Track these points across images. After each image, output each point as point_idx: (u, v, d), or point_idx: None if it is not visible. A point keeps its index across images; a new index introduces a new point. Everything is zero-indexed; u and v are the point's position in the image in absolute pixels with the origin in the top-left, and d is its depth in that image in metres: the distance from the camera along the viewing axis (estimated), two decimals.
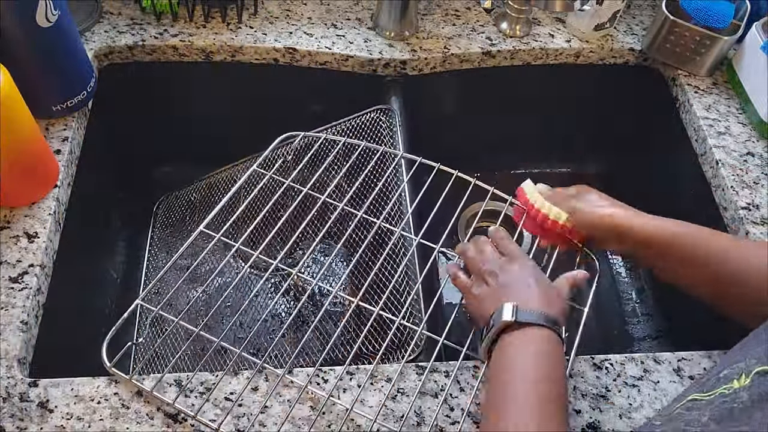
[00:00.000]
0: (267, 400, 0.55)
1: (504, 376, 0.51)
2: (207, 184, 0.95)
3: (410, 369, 0.59)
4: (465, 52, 0.88)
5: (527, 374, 0.49)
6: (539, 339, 0.51)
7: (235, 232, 0.69)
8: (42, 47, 0.64)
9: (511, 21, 0.90)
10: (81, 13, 0.84)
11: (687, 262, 0.57)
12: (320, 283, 0.63)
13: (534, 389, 0.48)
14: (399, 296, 0.64)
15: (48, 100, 0.70)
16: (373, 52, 0.86)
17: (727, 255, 0.55)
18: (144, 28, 0.85)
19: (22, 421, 0.53)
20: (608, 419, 0.56)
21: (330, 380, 0.57)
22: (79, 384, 0.55)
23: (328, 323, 0.78)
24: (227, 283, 0.86)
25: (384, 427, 0.54)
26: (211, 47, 0.85)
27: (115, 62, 0.85)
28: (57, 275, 0.65)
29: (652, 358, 0.61)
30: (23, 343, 0.57)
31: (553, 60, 0.91)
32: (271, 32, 0.87)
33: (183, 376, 0.57)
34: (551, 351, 0.51)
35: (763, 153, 0.78)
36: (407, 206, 0.72)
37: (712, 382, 0.40)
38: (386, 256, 0.67)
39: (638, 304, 0.95)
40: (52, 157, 0.69)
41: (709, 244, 0.57)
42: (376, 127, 0.82)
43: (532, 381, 0.49)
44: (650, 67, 0.93)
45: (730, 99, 0.85)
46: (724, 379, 0.39)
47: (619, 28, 0.93)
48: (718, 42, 0.82)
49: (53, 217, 0.66)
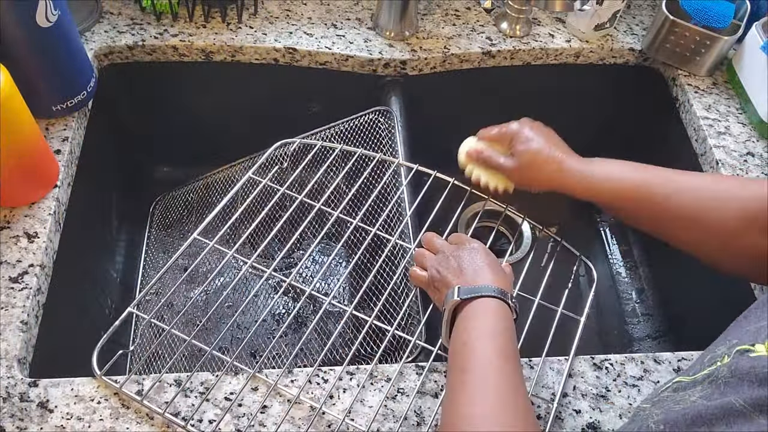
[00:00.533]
0: (266, 399, 0.55)
1: (462, 337, 0.52)
2: (204, 184, 0.95)
3: (410, 369, 0.59)
4: (465, 52, 0.88)
5: (483, 331, 0.51)
6: (488, 306, 0.53)
7: (230, 238, 0.70)
8: (42, 47, 0.64)
9: (511, 21, 0.90)
10: (81, 13, 0.84)
11: (656, 207, 0.59)
12: (315, 292, 0.63)
13: (491, 343, 0.50)
14: (395, 303, 0.64)
15: (48, 100, 0.70)
16: (373, 52, 0.86)
17: (696, 193, 0.57)
18: (144, 28, 0.85)
19: (22, 421, 0.53)
20: (608, 419, 0.56)
21: (330, 380, 0.57)
22: (79, 384, 0.55)
23: (327, 324, 0.78)
24: (226, 284, 0.86)
25: (383, 427, 0.54)
26: (211, 47, 0.85)
27: (115, 62, 0.85)
28: (57, 275, 0.65)
29: (652, 358, 0.61)
30: (23, 343, 0.57)
31: (553, 60, 0.91)
32: (271, 32, 0.87)
33: (183, 376, 0.57)
34: (499, 311, 0.53)
35: (763, 153, 0.78)
36: (406, 210, 0.72)
37: (696, 368, 0.41)
38: (383, 263, 0.67)
39: (638, 304, 0.95)
40: (52, 157, 0.69)
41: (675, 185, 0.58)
42: (374, 129, 0.82)
43: (489, 336, 0.50)
44: (650, 67, 0.93)
45: (730, 99, 0.85)
46: (708, 363, 0.40)
47: (619, 28, 0.93)
48: (718, 42, 0.82)
49: (53, 217, 0.66)
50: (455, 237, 0.64)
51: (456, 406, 0.47)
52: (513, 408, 0.45)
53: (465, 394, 0.47)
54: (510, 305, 0.54)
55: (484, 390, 0.46)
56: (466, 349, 0.50)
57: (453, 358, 0.51)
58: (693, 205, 0.57)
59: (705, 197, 0.56)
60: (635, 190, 0.59)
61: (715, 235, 0.56)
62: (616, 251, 1.02)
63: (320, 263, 0.91)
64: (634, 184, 0.59)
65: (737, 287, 0.73)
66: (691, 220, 0.57)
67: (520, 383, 0.48)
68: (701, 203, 0.56)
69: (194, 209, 0.95)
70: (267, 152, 0.76)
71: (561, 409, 0.57)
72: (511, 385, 0.47)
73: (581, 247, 0.72)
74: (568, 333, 0.63)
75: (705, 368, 0.40)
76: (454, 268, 0.58)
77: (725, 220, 0.55)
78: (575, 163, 0.62)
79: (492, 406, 0.45)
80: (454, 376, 0.50)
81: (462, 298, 0.53)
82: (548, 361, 0.60)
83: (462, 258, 0.58)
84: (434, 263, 0.60)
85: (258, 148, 0.79)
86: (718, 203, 0.56)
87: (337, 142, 0.81)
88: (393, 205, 0.72)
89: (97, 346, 0.57)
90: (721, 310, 0.79)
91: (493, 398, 0.46)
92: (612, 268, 1.00)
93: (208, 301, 0.85)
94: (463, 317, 0.53)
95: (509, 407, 0.45)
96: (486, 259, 0.58)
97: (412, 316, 0.64)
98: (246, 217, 0.72)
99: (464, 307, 0.54)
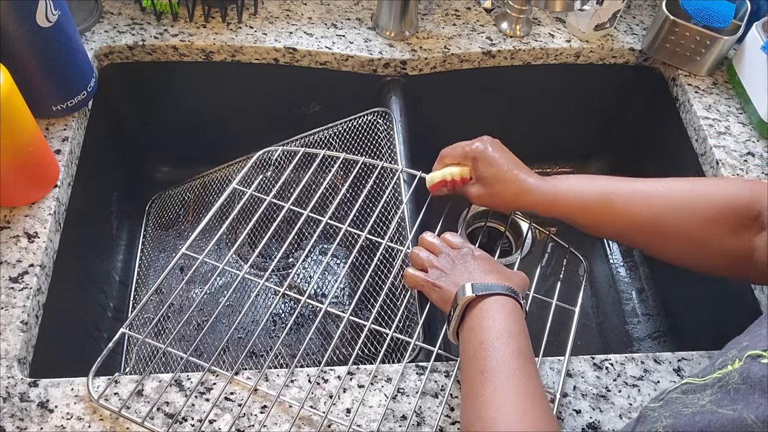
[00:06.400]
0: (272, 409, 0.55)
1: (479, 336, 0.52)
2: (201, 183, 0.95)
3: (411, 369, 0.59)
4: (465, 52, 0.88)
5: (500, 331, 0.51)
6: (503, 304, 0.53)
7: (225, 245, 0.69)
8: (42, 47, 0.64)
9: (511, 21, 0.90)
10: (81, 13, 0.84)
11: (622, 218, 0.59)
12: (310, 299, 0.63)
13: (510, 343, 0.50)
14: (393, 305, 0.64)
15: (48, 100, 0.70)
16: (373, 52, 0.86)
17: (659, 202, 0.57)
18: (144, 28, 0.85)
19: (22, 421, 0.53)
20: (608, 419, 0.56)
21: (330, 380, 0.57)
22: (79, 384, 0.55)
23: (325, 325, 0.78)
24: (226, 285, 0.86)
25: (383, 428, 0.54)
26: (211, 47, 0.85)
27: (115, 62, 0.85)
28: (57, 275, 0.65)
29: (652, 358, 0.61)
30: (23, 343, 0.57)
31: (554, 60, 0.91)
32: (271, 32, 0.87)
33: (183, 376, 0.57)
34: (514, 310, 0.53)
35: (763, 153, 0.78)
36: (405, 214, 0.72)
37: (707, 370, 0.41)
38: (381, 265, 0.67)
39: (638, 304, 0.95)
40: (52, 157, 0.69)
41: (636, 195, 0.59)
42: (372, 130, 0.82)
43: (506, 336, 0.50)
44: (650, 67, 0.93)
45: (731, 99, 0.85)
46: (719, 366, 0.40)
47: (619, 28, 0.93)
48: (719, 42, 0.82)
49: (53, 217, 0.66)
50: (450, 236, 0.64)
51: (478, 408, 0.47)
52: (535, 410, 0.45)
53: (486, 396, 0.47)
54: (521, 303, 0.55)
55: (507, 392, 0.46)
56: (483, 348, 0.50)
57: (470, 358, 0.51)
58: (653, 214, 0.57)
59: (664, 205, 0.57)
60: (598, 201, 0.59)
61: (682, 242, 0.56)
62: (616, 251, 1.02)
63: (318, 265, 0.91)
64: (596, 195, 0.60)
65: (737, 287, 0.73)
66: (653, 228, 0.57)
67: (539, 383, 0.48)
68: (662, 211, 0.57)
69: (190, 208, 0.95)
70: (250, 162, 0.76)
71: (561, 409, 0.57)
72: (531, 387, 0.47)
73: (581, 247, 0.72)
74: (567, 333, 0.63)
75: (716, 371, 0.39)
76: (461, 267, 0.59)
77: (689, 226, 0.55)
78: (537, 181, 0.62)
79: (516, 409, 0.45)
80: (473, 377, 0.49)
81: (477, 294, 0.54)
82: (547, 361, 0.60)
83: (467, 259, 0.60)
84: (438, 263, 0.61)
85: (258, 148, 0.79)
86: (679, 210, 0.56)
87: (336, 143, 0.81)
88: (392, 209, 0.72)
89: (92, 369, 0.56)
90: (721, 310, 0.79)
91: (517, 401, 0.46)
92: (612, 268, 1.00)
93: (204, 307, 0.85)
94: (475, 315, 0.53)
95: (532, 409, 0.45)
96: (490, 261, 0.60)
97: (410, 318, 0.64)
98: (239, 224, 0.72)
99: (476, 304, 0.54)
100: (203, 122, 0.97)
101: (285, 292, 0.64)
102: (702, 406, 0.37)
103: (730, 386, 0.36)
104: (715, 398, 0.37)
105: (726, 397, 0.36)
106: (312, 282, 0.80)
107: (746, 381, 0.35)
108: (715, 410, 0.35)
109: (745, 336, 0.41)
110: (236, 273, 0.64)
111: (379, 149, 0.80)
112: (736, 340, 0.42)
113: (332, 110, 0.85)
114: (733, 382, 0.36)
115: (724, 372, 0.38)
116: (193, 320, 0.82)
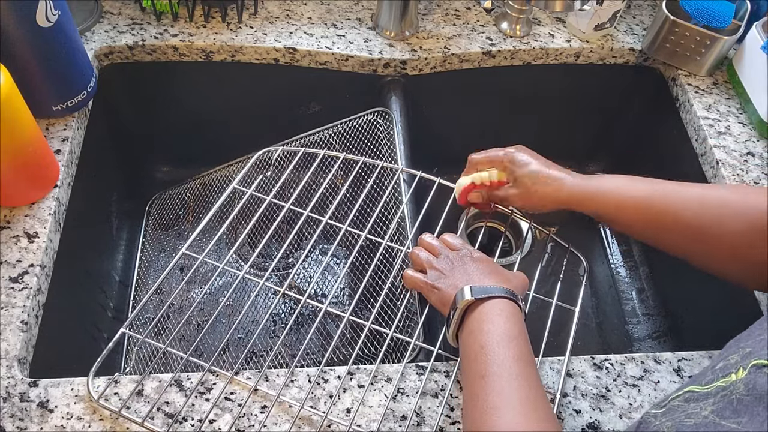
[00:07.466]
0: (271, 409, 0.55)
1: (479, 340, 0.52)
2: (201, 183, 0.95)
3: (410, 369, 0.59)
4: (465, 52, 0.88)
5: (500, 335, 0.51)
6: (502, 307, 0.53)
7: (225, 245, 0.69)
8: (42, 47, 0.64)
9: (511, 21, 0.90)
10: (81, 13, 0.84)
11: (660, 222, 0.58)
12: (310, 299, 0.63)
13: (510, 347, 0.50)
14: (393, 305, 0.64)
15: (48, 100, 0.70)
16: (373, 52, 0.86)
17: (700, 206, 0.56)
18: (144, 28, 0.85)
19: (22, 421, 0.53)
20: (608, 419, 0.56)
21: (330, 380, 0.57)
22: (79, 384, 0.55)
23: (328, 324, 0.78)
24: (226, 285, 0.86)
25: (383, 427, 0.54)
26: (211, 47, 0.85)
27: (115, 62, 0.85)
28: (57, 275, 0.65)
29: (652, 358, 0.61)
30: (23, 343, 0.57)
31: (554, 60, 0.91)
32: (271, 32, 0.87)
33: (183, 376, 0.57)
34: (514, 313, 0.53)
35: (763, 153, 0.78)
36: (405, 214, 0.72)
37: (709, 377, 0.40)
38: (381, 265, 0.67)
39: (638, 304, 0.95)
40: (52, 157, 0.69)
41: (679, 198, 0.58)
42: (373, 130, 0.82)
43: (507, 339, 0.50)
44: (650, 67, 0.93)
45: (731, 99, 0.85)
46: (720, 372, 0.39)
47: (619, 28, 0.93)
48: (719, 42, 0.82)
49: (53, 217, 0.66)
50: (449, 237, 0.64)
51: (480, 414, 0.47)
52: (538, 415, 0.45)
53: (488, 402, 0.47)
54: (521, 306, 0.54)
55: (509, 398, 0.46)
56: (484, 353, 0.50)
57: (470, 362, 0.51)
58: (698, 218, 0.56)
59: (709, 209, 0.56)
60: (641, 202, 0.59)
61: (722, 247, 0.55)
62: (616, 251, 1.02)
63: (318, 265, 0.91)
64: (639, 196, 0.59)
65: (737, 287, 0.73)
66: (696, 232, 0.56)
67: (540, 387, 0.48)
68: (706, 216, 0.56)
69: (190, 208, 0.95)
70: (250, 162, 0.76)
71: (561, 409, 0.57)
72: (533, 391, 0.47)
73: (581, 246, 0.72)
74: (567, 332, 0.63)
75: (718, 379, 0.39)
76: (460, 269, 0.59)
77: (731, 232, 0.54)
78: (577, 179, 0.62)
79: (518, 415, 0.45)
80: (474, 381, 0.49)
81: (476, 298, 0.54)
82: (547, 361, 0.60)
83: (466, 261, 0.60)
84: (437, 264, 0.61)
85: (258, 148, 0.79)
86: (723, 216, 0.55)
87: (336, 143, 0.81)
88: (392, 209, 0.72)
89: (92, 369, 0.56)
90: (721, 310, 0.79)
91: (519, 407, 0.46)
92: (612, 268, 1.00)
93: (204, 307, 0.85)
94: (475, 318, 0.53)
95: (534, 415, 0.45)
96: (489, 263, 0.60)
97: (410, 318, 0.64)
98: (239, 224, 0.72)
99: (476, 307, 0.54)
100: (203, 122, 0.97)
101: (285, 292, 0.64)
102: (704, 417, 0.37)
103: (734, 396, 0.36)
104: (717, 408, 0.36)
105: (728, 408, 0.35)
106: (312, 282, 0.80)
107: (751, 392, 0.35)
108: (718, 422, 0.35)
109: (747, 339, 0.41)
110: (236, 273, 0.64)
111: (379, 149, 0.80)
112: (737, 341, 0.42)
113: (332, 110, 0.85)
114: (737, 392, 0.36)
115: (728, 381, 0.38)
116: (193, 320, 0.82)
